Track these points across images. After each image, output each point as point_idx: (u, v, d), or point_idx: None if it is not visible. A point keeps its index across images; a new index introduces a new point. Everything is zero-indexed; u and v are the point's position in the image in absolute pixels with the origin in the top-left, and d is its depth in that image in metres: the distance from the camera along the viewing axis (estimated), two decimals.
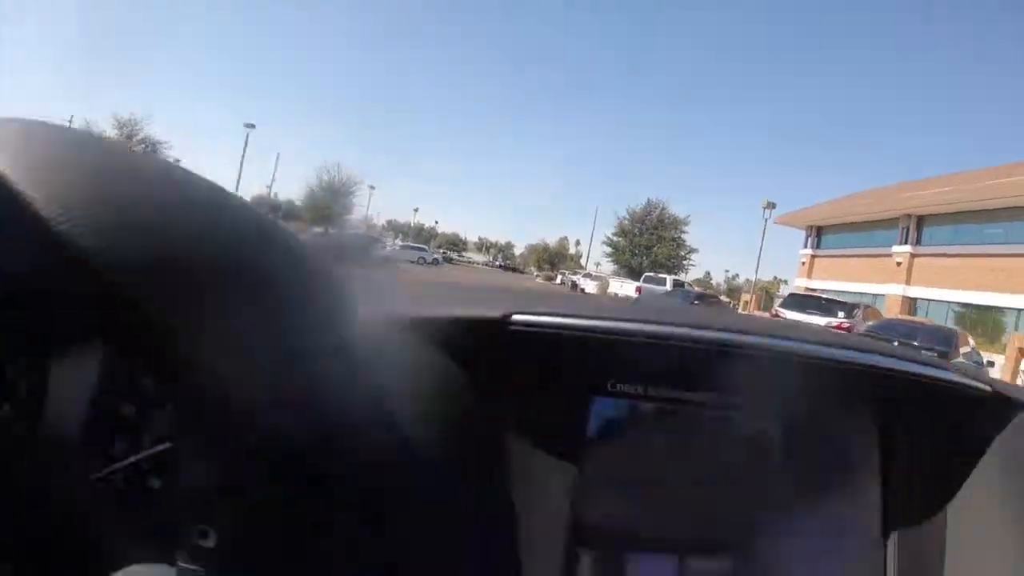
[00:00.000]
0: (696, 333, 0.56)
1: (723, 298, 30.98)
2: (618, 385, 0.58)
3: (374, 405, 0.43)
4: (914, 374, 0.62)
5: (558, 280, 58.08)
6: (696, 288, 30.55)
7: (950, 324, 20.71)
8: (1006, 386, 0.69)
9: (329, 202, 46.72)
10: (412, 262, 41.95)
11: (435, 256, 49.90)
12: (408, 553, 0.45)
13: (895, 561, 0.62)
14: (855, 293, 30.41)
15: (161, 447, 0.46)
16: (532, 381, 0.55)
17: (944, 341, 10.88)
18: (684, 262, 49.15)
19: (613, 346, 0.55)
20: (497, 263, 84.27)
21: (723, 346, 0.56)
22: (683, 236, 48.13)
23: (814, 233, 34.96)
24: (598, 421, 0.58)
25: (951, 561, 0.63)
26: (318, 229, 37.55)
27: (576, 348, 0.55)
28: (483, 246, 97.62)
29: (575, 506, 0.55)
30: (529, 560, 0.53)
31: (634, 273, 41.96)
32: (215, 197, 0.38)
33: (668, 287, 26.83)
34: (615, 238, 49.75)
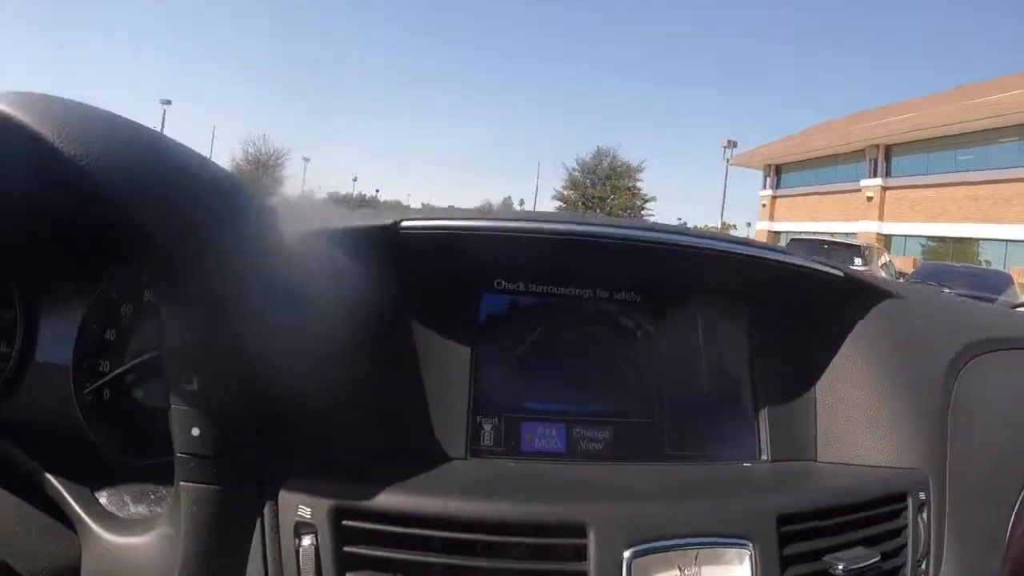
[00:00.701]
0: (569, 227, 0.60)
1: None
2: (503, 283, 0.66)
3: (297, 300, 0.50)
4: (773, 259, 0.68)
5: None
6: None
7: (920, 258, 19.24)
8: (865, 275, 0.76)
9: (258, 176, 42.70)
10: None
11: None
12: (331, 427, 0.54)
13: (767, 436, 0.69)
14: (825, 233, 28.49)
15: (139, 359, 0.57)
16: (428, 280, 0.63)
17: (999, 286, 9.32)
18: (642, 212, 45.32)
19: (495, 244, 0.61)
20: None
21: (594, 239, 0.60)
22: (638, 184, 44.66)
23: (772, 172, 32.88)
24: (486, 312, 0.65)
25: (823, 434, 0.71)
26: None
27: (463, 251, 0.61)
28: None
29: (473, 383, 0.63)
30: (440, 429, 0.61)
31: None
32: (187, 151, 0.47)
33: None
34: (565, 191, 45.91)
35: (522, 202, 78.65)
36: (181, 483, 0.46)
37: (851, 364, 0.73)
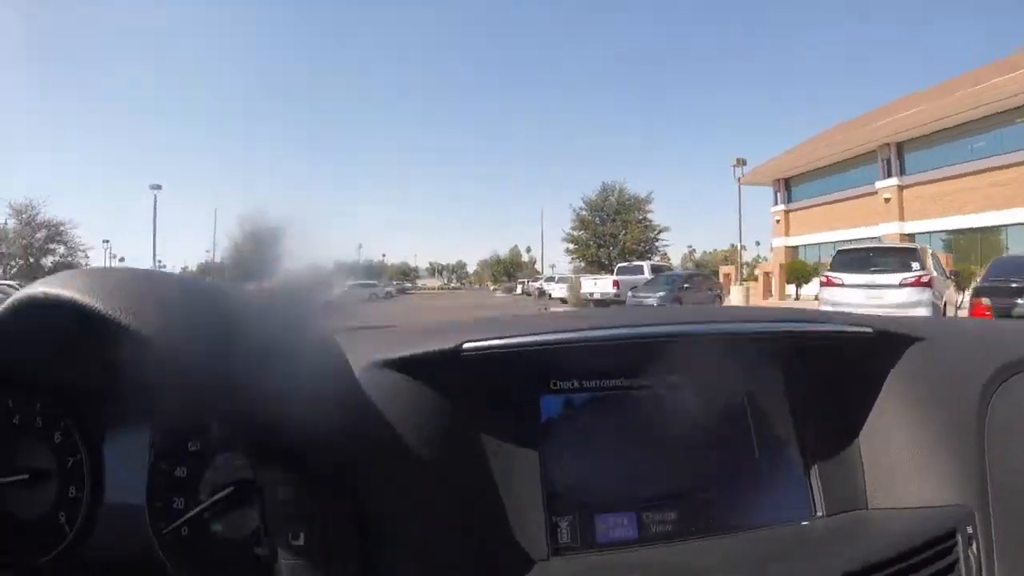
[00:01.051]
0: (610, 332, 0.67)
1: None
2: (558, 383, 0.70)
3: (378, 429, 0.55)
4: (802, 331, 0.74)
5: (518, 290, 54.42)
6: (674, 268, 26.98)
7: (943, 253, 18.33)
8: (890, 323, 0.81)
9: (256, 253, 41.99)
10: (364, 299, 38.14)
11: (387, 289, 45.54)
12: (422, 536, 0.55)
13: (820, 492, 0.72)
14: (846, 242, 27.68)
15: (215, 497, 0.57)
16: (490, 391, 0.66)
17: None
18: (656, 244, 43.90)
19: (549, 355, 0.66)
20: (449, 285, 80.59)
21: (637, 339, 0.67)
22: (649, 216, 43.35)
23: (782, 187, 32.19)
24: (547, 413, 0.68)
25: (871, 482, 0.74)
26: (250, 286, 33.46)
27: (519, 362, 0.66)
28: (435, 270, 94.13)
29: (544, 483, 0.65)
30: (520, 532, 0.63)
31: (603, 266, 37.73)
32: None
33: (647, 274, 23.28)
34: (575, 232, 44.69)
35: (529, 249, 78.89)
36: None
37: (888, 410, 0.76)
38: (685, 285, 19.50)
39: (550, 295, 31.34)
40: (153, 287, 0.44)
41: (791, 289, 25.70)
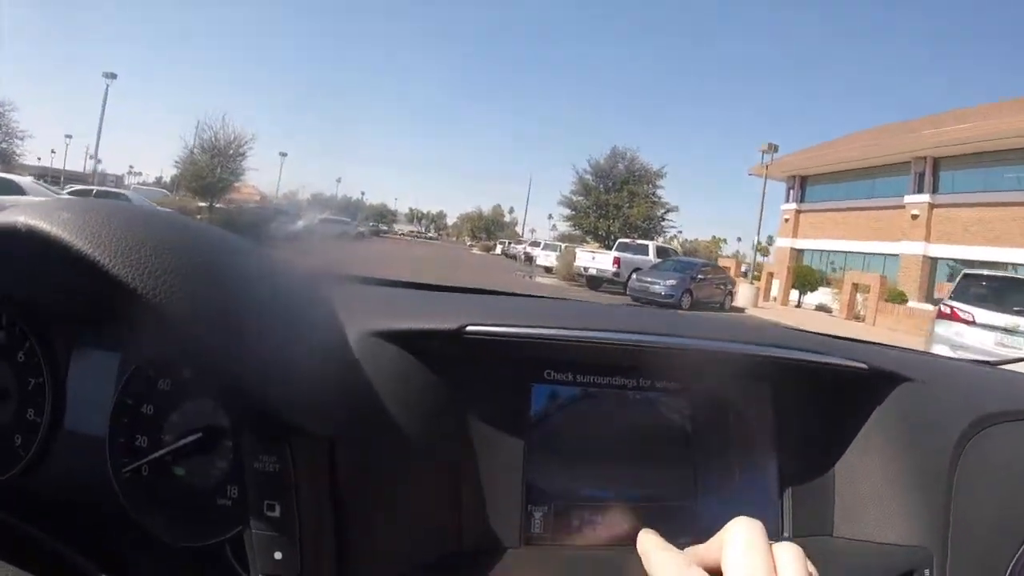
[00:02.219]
0: (611, 336, 0.67)
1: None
2: (552, 374, 0.69)
3: (364, 402, 0.53)
4: (798, 360, 0.74)
5: (498, 250, 51.81)
6: (683, 256, 23.80)
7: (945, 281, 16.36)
8: (885, 359, 0.81)
9: (213, 167, 36.45)
10: (335, 236, 35.21)
11: (360, 229, 42.57)
12: (400, 518, 0.55)
13: (790, 514, 0.74)
14: (860, 254, 25.69)
15: (182, 442, 0.55)
16: (481, 375, 0.66)
17: None
18: (662, 223, 39.21)
19: (547, 347, 0.66)
20: (426, 235, 77.78)
21: (634, 346, 0.68)
22: (659, 192, 38.76)
23: (797, 184, 30.01)
24: (538, 403, 0.68)
25: (840, 513, 0.76)
26: (202, 204, 30.42)
27: (517, 349, 0.66)
28: (414, 217, 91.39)
29: (526, 473, 0.65)
30: (496, 520, 0.63)
31: (599, 240, 34.38)
32: (239, 249, 0.48)
33: (651, 255, 20.68)
34: (575, 197, 39.04)
35: (512, 210, 76.83)
36: None
37: (868, 445, 0.77)
38: (699, 276, 17.27)
39: (536, 263, 28.37)
40: (150, 234, 0.41)
41: (792, 295, 23.85)
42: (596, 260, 20.57)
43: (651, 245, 22.11)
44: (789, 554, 0.41)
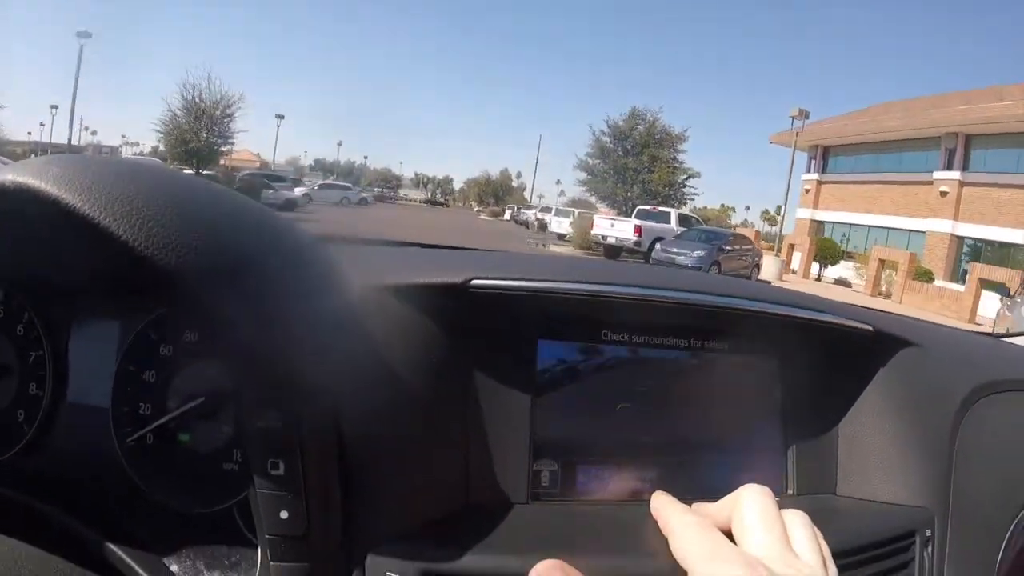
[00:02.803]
0: (618, 290, 0.67)
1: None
2: (559, 329, 0.69)
3: (370, 361, 0.53)
4: (804, 318, 0.74)
5: (506, 216, 50.49)
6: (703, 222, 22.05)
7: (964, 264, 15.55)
8: (890, 323, 0.82)
9: (198, 129, 33.97)
10: (335, 204, 34.56)
11: (362, 195, 41.29)
12: (407, 474, 0.55)
13: (794, 472, 0.75)
14: (883, 228, 25.02)
15: (185, 407, 0.55)
16: (487, 330, 0.65)
17: None
18: (683, 190, 36.86)
19: (554, 302, 0.66)
20: (434, 200, 76.77)
21: (641, 300, 0.68)
22: (680, 157, 36.25)
23: (819, 155, 29.17)
24: (544, 359, 0.67)
25: (842, 470, 0.77)
26: (188, 171, 28.03)
27: (524, 304, 0.65)
28: (419, 182, 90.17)
29: (533, 429, 0.65)
30: (503, 476, 0.63)
31: (618, 207, 33.02)
32: (237, 203, 0.47)
33: (673, 224, 19.71)
34: (591, 160, 36.46)
35: (519, 174, 75.74)
36: (272, 563, 0.47)
37: (871, 406, 0.78)
38: (727, 248, 16.69)
39: (550, 230, 27.30)
40: (142, 186, 0.40)
41: (812, 268, 23.22)
42: (615, 228, 19.14)
43: (673, 213, 21.33)
44: (799, 519, 0.43)
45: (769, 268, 19.53)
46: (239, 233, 0.44)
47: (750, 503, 0.43)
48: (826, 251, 23.10)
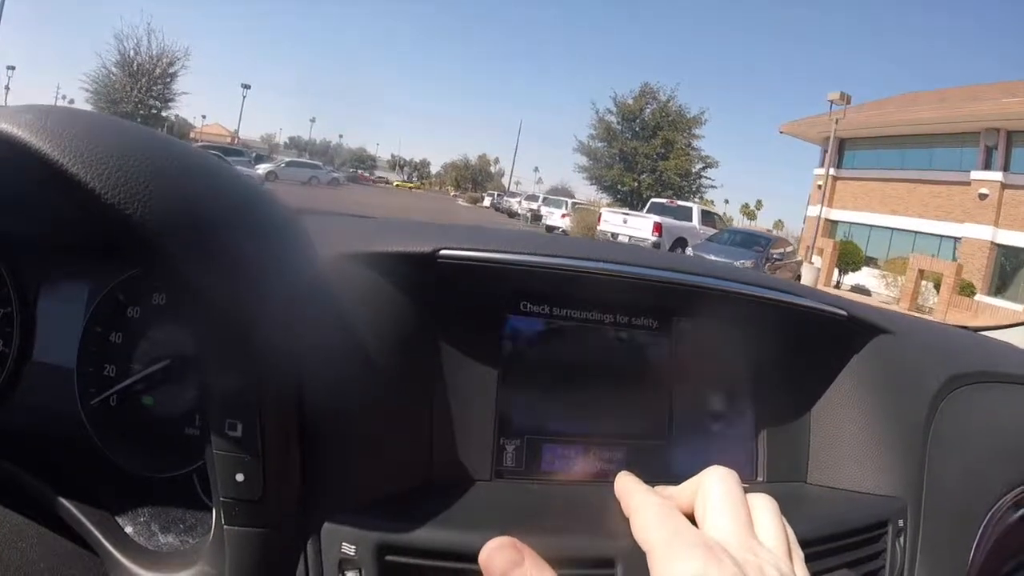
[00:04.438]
0: (588, 264, 0.65)
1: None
2: (528, 306, 0.68)
3: (335, 328, 0.52)
4: (779, 300, 0.73)
5: (486, 203, 47.51)
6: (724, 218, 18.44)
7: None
8: (864, 310, 0.81)
9: (132, 86, 29.18)
10: (303, 183, 30.97)
11: (333, 175, 37.87)
12: (369, 445, 0.54)
13: (765, 458, 0.74)
14: (908, 232, 22.71)
15: (149, 369, 0.56)
16: (456, 302, 0.65)
17: None
18: (700, 181, 32.17)
19: (524, 276, 0.65)
20: (409, 183, 73.74)
21: (610, 276, 0.66)
22: (696, 144, 31.94)
23: (833, 148, 26.54)
24: (512, 335, 0.67)
25: (814, 458, 0.76)
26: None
27: (493, 277, 0.65)
28: (396, 164, 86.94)
29: (498, 406, 0.65)
30: (467, 452, 0.63)
31: (623, 199, 29.53)
32: (207, 163, 0.47)
33: (695, 222, 17.00)
34: (594, 143, 32.16)
35: (497, 160, 73.29)
36: (225, 527, 0.46)
37: (844, 394, 0.78)
38: (775, 255, 14.11)
39: (547, 225, 23.43)
40: (117, 139, 0.40)
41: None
42: (629, 225, 15.77)
43: (695, 208, 18.14)
44: (764, 504, 0.42)
45: (807, 276, 16.92)
46: (208, 190, 0.43)
47: (714, 486, 0.42)
48: (848, 256, 20.78)
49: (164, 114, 31.77)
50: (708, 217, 18.04)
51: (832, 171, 26.48)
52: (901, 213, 23.17)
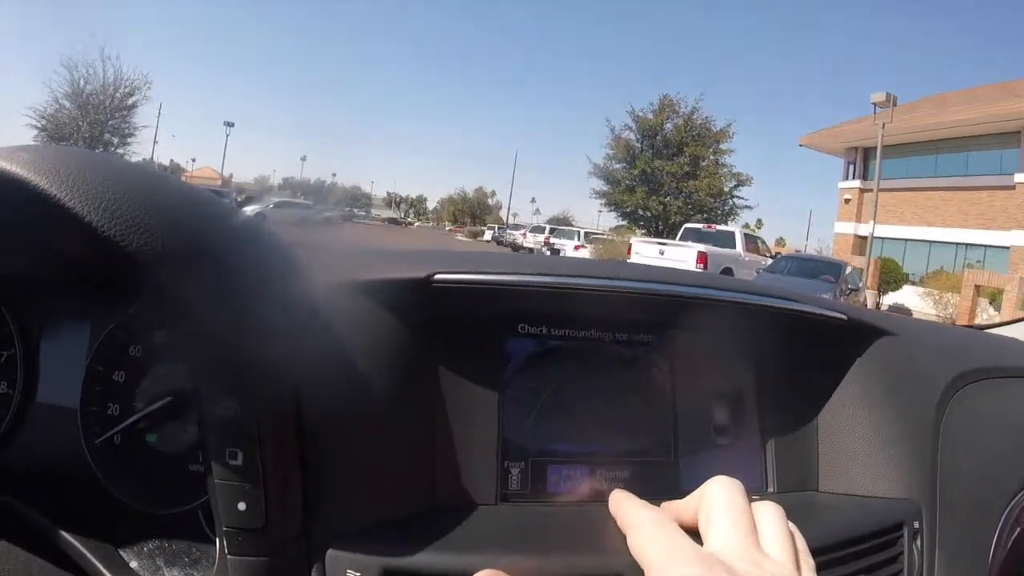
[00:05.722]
0: (582, 282, 0.66)
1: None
2: (526, 327, 0.68)
3: (332, 356, 0.53)
4: (778, 307, 0.73)
5: (487, 236, 46.41)
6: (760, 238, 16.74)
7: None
8: (864, 313, 0.82)
9: (82, 118, 26.26)
10: (294, 224, 29.83)
11: (327, 214, 36.12)
12: (370, 470, 0.55)
13: (774, 469, 0.74)
14: (948, 244, 21.34)
15: (152, 407, 0.57)
16: (453, 326, 0.65)
17: None
18: (733, 200, 28.98)
19: (520, 298, 0.66)
20: (405, 220, 73.24)
21: (607, 292, 0.67)
22: (726, 159, 28.90)
23: (859, 158, 25.45)
24: (512, 357, 0.67)
25: (824, 465, 0.76)
26: None
27: (489, 300, 0.65)
28: (392, 201, 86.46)
29: (501, 428, 0.65)
30: (470, 476, 0.63)
31: (648, 225, 27.23)
32: (202, 196, 0.48)
33: (740, 249, 14.99)
34: (612, 165, 29.23)
35: (493, 193, 72.82)
36: (229, 557, 0.47)
37: (850, 398, 0.78)
38: (849, 287, 12.59)
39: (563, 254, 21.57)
40: (109, 172, 0.41)
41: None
42: (668, 256, 13.49)
43: (738, 232, 15.94)
44: (770, 512, 0.41)
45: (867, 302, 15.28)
46: (202, 220, 0.45)
47: (716, 497, 0.41)
48: (888, 274, 19.40)
49: (121, 151, 27.84)
50: (751, 242, 16.16)
51: (858, 183, 25.28)
52: (938, 224, 21.97)
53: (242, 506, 0.45)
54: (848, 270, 13.57)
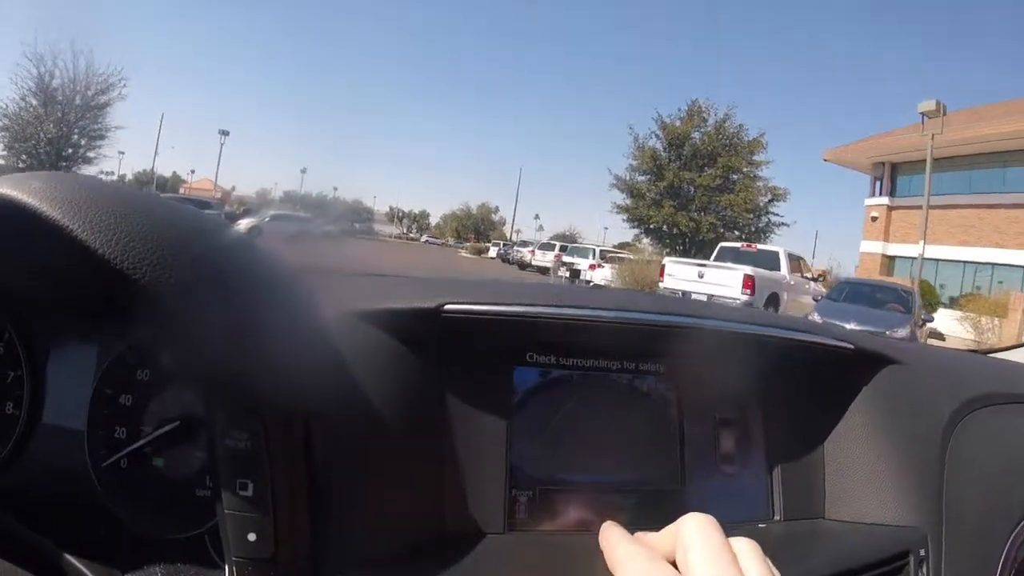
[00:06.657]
0: (591, 313, 0.67)
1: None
2: (535, 356, 0.69)
3: (340, 382, 0.53)
4: (786, 338, 0.75)
5: (492, 253, 44.99)
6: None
7: None
8: (872, 342, 0.84)
9: (44, 118, 23.91)
10: (290, 237, 28.83)
11: (327, 228, 35.13)
12: (379, 501, 0.55)
13: (780, 497, 0.75)
14: (986, 264, 20.39)
15: (159, 431, 0.57)
16: (462, 355, 0.66)
17: None
18: (768, 216, 26.97)
19: (528, 328, 0.66)
20: (408, 235, 72.52)
21: (614, 323, 0.68)
22: (760, 172, 26.88)
23: (886, 173, 24.51)
24: (520, 386, 0.68)
25: (831, 493, 0.77)
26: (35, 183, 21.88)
27: (498, 330, 0.66)
28: (394, 216, 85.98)
29: (509, 457, 0.65)
30: (478, 504, 0.63)
31: (675, 244, 25.31)
32: (211, 225, 0.48)
33: (784, 270, 13.47)
34: (637, 177, 27.23)
35: (497, 209, 72.25)
36: None
37: (856, 426, 0.78)
38: (925, 318, 11.60)
39: (588, 282, 19.24)
40: (119, 201, 0.41)
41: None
42: (708, 279, 12.30)
43: (781, 253, 14.23)
44: (746, 549, 0.42)
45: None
46: (211, 251, 0.45)
47: (693, 535, 0.42)
48: (923, 297, 18.42)
49: (91, 155, 25.72)
50: (794, 261, 14.66)
51: (885, 200, 24.38)
52: (973, 243, 21.06)
53: (252, 536, 0.45)
54: (917, 298, 12.32)
